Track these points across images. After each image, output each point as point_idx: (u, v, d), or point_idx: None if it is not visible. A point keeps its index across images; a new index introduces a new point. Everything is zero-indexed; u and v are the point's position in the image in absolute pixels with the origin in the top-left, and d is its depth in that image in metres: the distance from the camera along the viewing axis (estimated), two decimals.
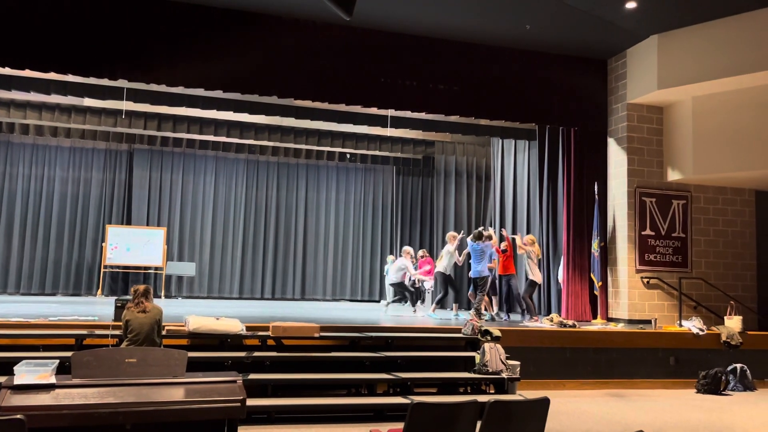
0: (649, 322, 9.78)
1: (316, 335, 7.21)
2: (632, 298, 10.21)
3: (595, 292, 10.52)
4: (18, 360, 3.80)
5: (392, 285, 11.94)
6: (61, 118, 12.68)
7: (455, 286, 11.38)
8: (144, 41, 8.89)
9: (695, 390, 8.64)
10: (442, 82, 10.11)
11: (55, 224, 14.87)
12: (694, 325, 9.29)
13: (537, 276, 10.49)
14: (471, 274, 10.44)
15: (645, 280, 10.29)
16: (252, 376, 6.38)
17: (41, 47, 8.55)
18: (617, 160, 10.68)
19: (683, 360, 8.97)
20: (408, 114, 11.58)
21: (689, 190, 10.71)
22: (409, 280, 15.11)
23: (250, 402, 4.77)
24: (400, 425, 3.61)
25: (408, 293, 11.90)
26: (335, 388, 7.04)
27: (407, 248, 12.27)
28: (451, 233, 11.52)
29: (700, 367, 8.78)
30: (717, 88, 9.70)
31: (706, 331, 9.19)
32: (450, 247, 11.01)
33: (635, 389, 8.57)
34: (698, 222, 10.73)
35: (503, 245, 10.92)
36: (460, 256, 11.25)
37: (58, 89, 10.45)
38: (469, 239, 10.64)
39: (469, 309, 10.28)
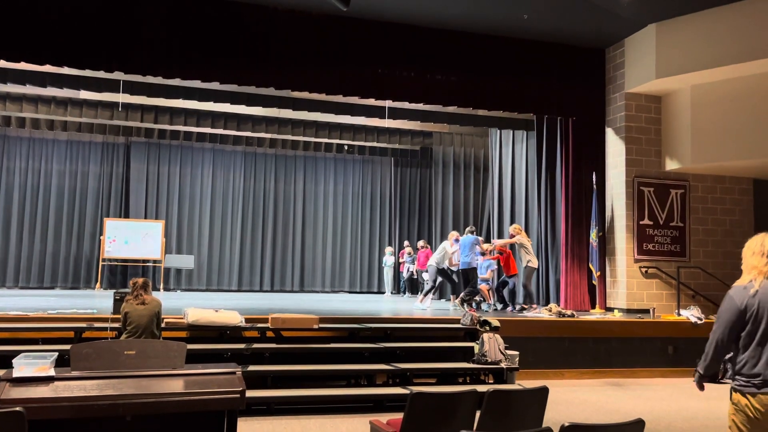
0: (647, 311, 9.80)
1: (315, 327, 7.22)
2: (630, 287, 10.22)
3: (593, 281, 10.53)
4: (17, 353, 3.80)
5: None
6: (57, 111, 12.62)
7: (450, 279, 11.37)
8: (140, 34, 8.83)
9: (694, 379, 8.66)
10: (440, 72, 10.07)
11: (53, 218, 14.85)
12: (692, 314, 9.31)
13: (534, 261, 10.45)
14: (460, 266, 10.43)
15: (643, 270, 10.30)
16: (251, 367, 6.39)
17: (36, 40, 8.50)
18: (615, 149, 10.67)
19: (682, 349, 8.99)
20: (406, 105, 11.55)
21: (687, 179, 10.71)
22: (407, 271, 15.16)
23: (250, 393, 4.77)
24: (400, 415, 3.62)
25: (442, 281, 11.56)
26: (335, 379, 7.05)
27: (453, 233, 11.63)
28: (453, 233, 11.38)
29: (699, 355, 8.66)
30: (715, 77, 9.67)
31: (704, 320, 9.21)
32: (447, 244, 10.96)
33: (634, 378, 8.60)
34: (696, 211, 10.73)
35: (491, 247, 11.01)
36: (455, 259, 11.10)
37: (54, 82, 10.40)
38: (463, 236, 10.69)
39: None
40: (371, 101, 11.21)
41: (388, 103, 11.53)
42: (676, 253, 10.54)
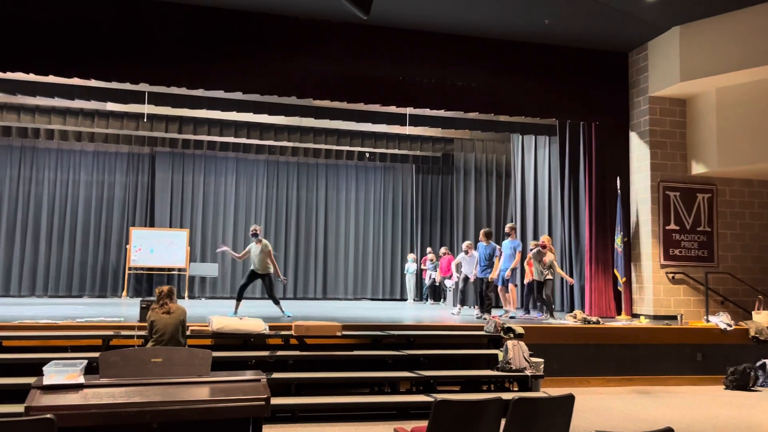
0: (674, 317, 9.64)
1: (339, 334, 7.23)
2: (657, 293, 10.07)
3: (618, 288, 10.40)
4: (47, 361, 3.87)
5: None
6: (84, 123, 12.89)
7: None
8: (165, 46, 8.98)
9: (723, 386, 8.51)
10: (461, 78, 10.07)
11: (81, 227, 15.11)
12: (721, 320, 9.14)
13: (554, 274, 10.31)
14: (479, 274, 10.29)
15: (670, 276, 10.15)
16: (275, 375, 6.42)
17: (64, 54, 8.69)
18: (640, 154, 10.55)
19: (711, 356, 8.83)
20: (427, 112, 11.56)
21: (714, 183, 10.54)
22: (429, 278, 15.11)
23: (274, 401, 4.80)
24: (424, 423, 3.60)
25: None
26: (358, 386, 7.05)
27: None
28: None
29: (728, 362, 8.64)
30: (742, 79, 9.52)
31: (733, 327, 9.04)
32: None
33: (662, 386, 8.46)
34: (724, 215, 10.55)
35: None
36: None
37: (82, 94, 10.61)
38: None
39: (498, 306, 10.07)
40: (392, 108, 11.24)
41: (409, 110, 11.55)
42: (704, 258, 10.37)
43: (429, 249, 15.70)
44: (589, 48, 10.56)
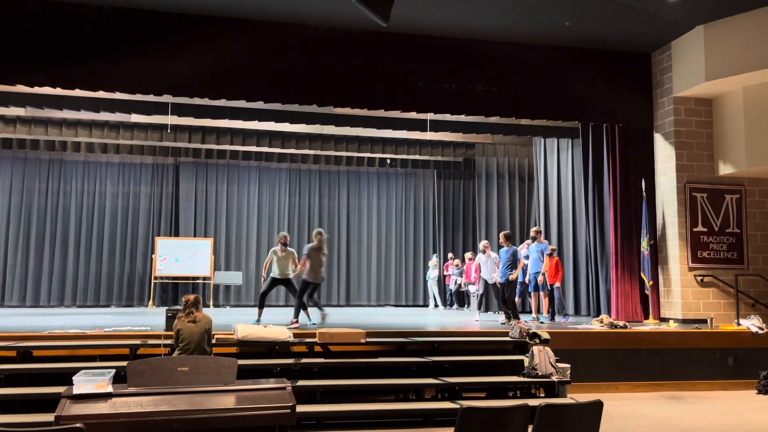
0: (704, 321, 9.46)
1: (363, 341, 7.22)
2: (686, 296, 9.89)
3: (646, 291, 10.24)
4: (76, 370, 3.92)
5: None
6: (110, 135, 13.12)
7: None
8: (186, 58, 9.10)
9: (756, 391, 8.31)
10: (481, 83, 10.03)
11: (107, 238, 15.37)
12: (752, 323, 8.94)
13: (313, 276, 9.35)
14: (501, 279, 10.18)
15: (699, 278, 9.96)
16: (300, 382, 6.43)
17: (90, 68, 8.84)
18: (665, 155, 10.39)
19: (742, 360, 8.64)
20: (447, 117, 11.51)
21: (743, 183, 10.34)
22: (455, 284, 15.04)
23: (300, 408, 4.80)
24: (450, 430, 3.58)
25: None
26: (383, 393, 7.02)
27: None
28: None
29: (761, 367, 8.45)
30: None
31: (765, 330, 8.84)
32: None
33: (692, 391, 8.30)
34: (753, 216, 10.33)
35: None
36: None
37: (107, 107, 10.80)
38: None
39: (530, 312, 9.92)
40: (413, 114, 11.24)
41: (429, 116, 11.53)
42: (734, 260, 10.16)
43: (450, 255, 15.64)
44: (611, 49, 10.45)
